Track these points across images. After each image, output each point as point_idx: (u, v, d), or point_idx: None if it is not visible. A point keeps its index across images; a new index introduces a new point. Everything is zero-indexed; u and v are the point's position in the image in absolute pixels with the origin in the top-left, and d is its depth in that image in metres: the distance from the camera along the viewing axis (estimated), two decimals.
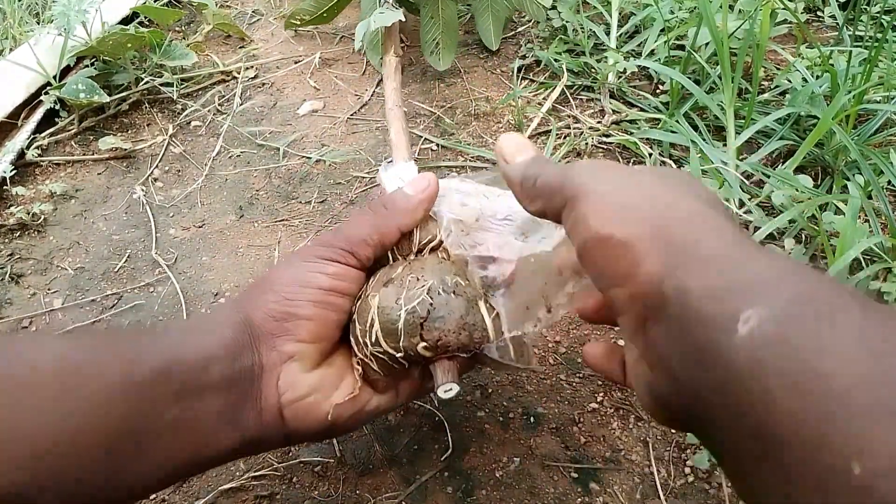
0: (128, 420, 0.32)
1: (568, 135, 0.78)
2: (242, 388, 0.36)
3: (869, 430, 0.18)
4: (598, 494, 0.46)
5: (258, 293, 0.39)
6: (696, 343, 0.23)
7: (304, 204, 0.73)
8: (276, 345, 0.37)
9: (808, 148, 0.65)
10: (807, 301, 0.21)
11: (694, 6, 0.89)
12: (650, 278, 0.26)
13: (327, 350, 0.40)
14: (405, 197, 0.41)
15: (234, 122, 0.85)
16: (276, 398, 0.37)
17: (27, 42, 0.86)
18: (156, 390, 0.33)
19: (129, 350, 0.34)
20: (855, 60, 0.76)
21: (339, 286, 0.39)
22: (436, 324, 0.36)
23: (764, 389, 0.20)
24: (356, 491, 0.46)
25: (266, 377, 0.37)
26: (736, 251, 0.25)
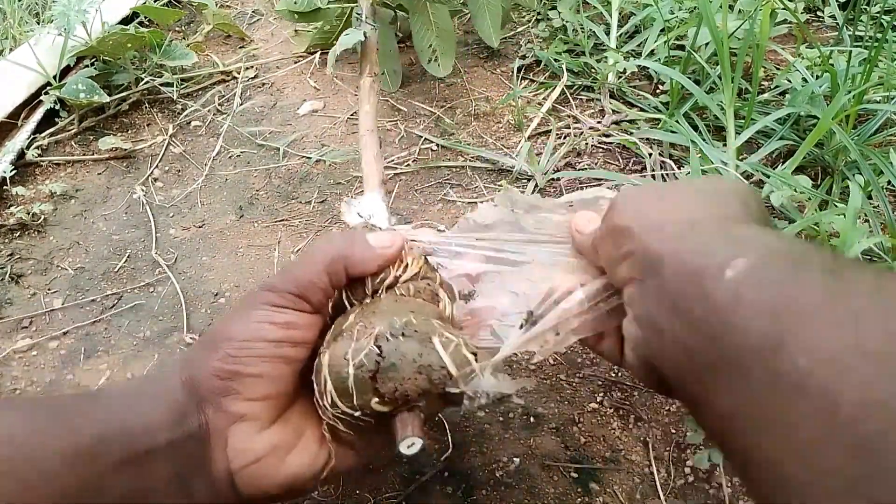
0: (74, 492, 0.30)
1: (568, 135, 0.78)
2: (190, 454, 0.34)
3: (818, 335, 0.22)
4: (598, 494, 0.46)
5: (204, 351, 0.36)
6: (683, 292, 0.28)
7: (304, 204, 0.73)
8: (223, 405, 0.34)
9: (808, 148, 0.65)
10: (785, 251, 0.26)
11: (694, 6, 0.89)
12: (646, 247, 0.31)
13: (282, 405, 0.36)
14: (364, 245, 0.38)
15: (234, 122, 0.85)
16: (226, 464, 0.34)
17: (27, 42, 0.87)
18: (99, 459, 0.31)
19: (70, 418, 0.32)
20: (855, 60, 0.76)
21: (292, 336, 0.36)
22: (388, 374, 0.33)
23: (740, 316, 0.24)
24: (356, 491, 0.46)
25: (214, 441, 0.34)
26: (727, 225, 0.30)
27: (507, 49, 0.96)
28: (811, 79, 0.76)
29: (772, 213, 0.65)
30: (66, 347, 0.58)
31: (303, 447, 0.36)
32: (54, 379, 0.55)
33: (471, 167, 0.75)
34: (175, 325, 0.59)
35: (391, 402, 0.33)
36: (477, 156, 0.76)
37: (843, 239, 0.53)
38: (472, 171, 0.75)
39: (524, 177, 0.73)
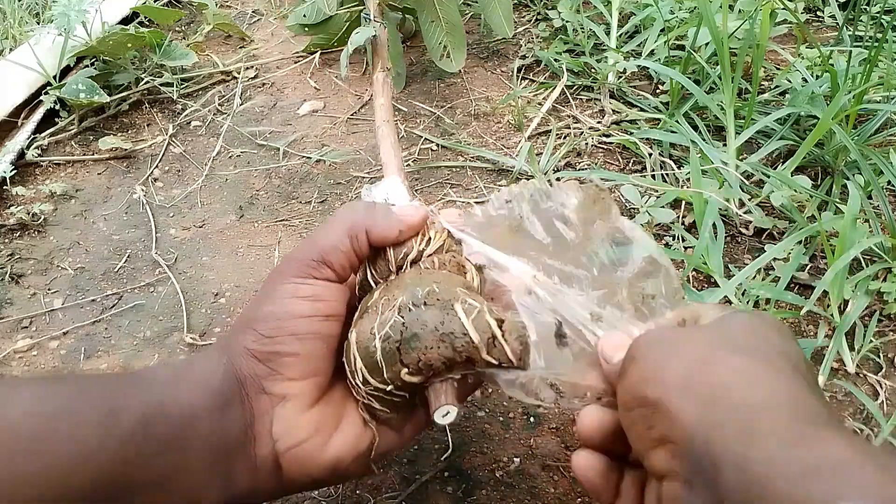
0: (108, 474, 0.30)
1: (568, 135, 0.78)
2: (232, 441, 0.34)
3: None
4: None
5: (239, 334, 0.36)
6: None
7: (304, 204, 0.73)
8: (265, 387, 0.34)
9: (808, 148, 0.65)
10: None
11: (694, 6, 0.89)
12: (693, 440, 0.25)
13: (322, 385, 0.36)
14: (386, 211, 0.38)
15: (234, 122, 0.85)
16: (271, 447, 0.34)
17: (27, 42, 0.87)
18: (137, 444, 0.31)
19: (108, 399, 0.31)
20: (855, 60, 0.76)
21: (319, 309, 0.36)
22: (412, 343, 0.33)
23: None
24: (356, 491, 0.46)
25: (258, 425, 0.34)
26: (802, 426, 0.24)
27: (507, 49, 0.96)
28: (811, 79, 0.76)
29: (772, 212, 0.65)
30: (66, 347, 0.58)
31: (346, 428, 0.36)
32: None
33: (471, 167, 0.75)
34: (175, 325, 0.59)
35: (420, 373, 0.33)
36: (477, 156, 0.76)
37: (842, 239, 0.53)
38: (472, 171, 0.75)
39: (524, 177, 0.73)
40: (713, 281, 0.58)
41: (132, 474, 0.30)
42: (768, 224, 0.63)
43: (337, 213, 0.38)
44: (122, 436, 0.30)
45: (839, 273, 0.53)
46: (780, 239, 0.62)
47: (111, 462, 0.30)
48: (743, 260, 0.62)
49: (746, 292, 0.55)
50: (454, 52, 0.82)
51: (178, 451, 0.32)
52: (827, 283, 0.52)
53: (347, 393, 0.37)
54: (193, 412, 0.33)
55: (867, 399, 0.49)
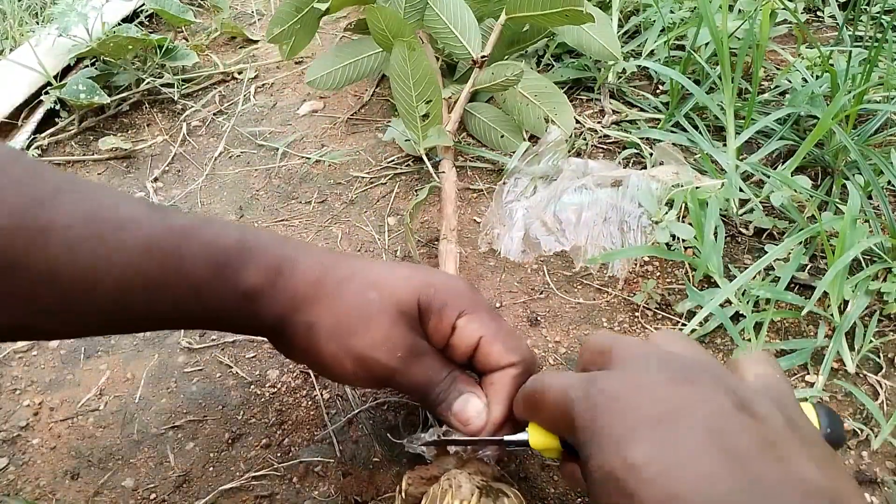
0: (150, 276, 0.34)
1: (568, 135, 0.78)
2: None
3: None
4: None
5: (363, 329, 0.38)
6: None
7: (305, 204, 0.73)
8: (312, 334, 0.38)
9: (808, 148, 0.65)
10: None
11: (694, 6, 0.89)
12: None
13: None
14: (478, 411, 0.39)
15: (234, 123, 0.85)
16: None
17: (27, 42, 0.87)
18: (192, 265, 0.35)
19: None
20: (855, 60, 0.76)
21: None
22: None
23: None
24: (356, 491, 0.46)
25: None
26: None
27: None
28: (811, 79, 0.76)
29: (772, 213, 0.65)
30: (66, 347, 0.58)
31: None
32: (54, 379, 0.55)
33: (471, 167, 0.75)
34: None
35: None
36: (477, 156, 0.76)
37: (842, 239, 0.53)
38: (472, 171, 0.75)
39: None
40: (713, 281, 0.58)
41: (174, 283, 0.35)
42: (768, 224, 0.63)
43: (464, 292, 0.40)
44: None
45: (839, 273, 0.53)
46: (780, 239, 0.62)
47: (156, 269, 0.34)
48: (743, 260, 0.62)
49: (747, 292, 0.55)
50: (511, 134, 0.77)
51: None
52: (827, 283, 0.52)
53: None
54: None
55: (867, 399, 0.48)
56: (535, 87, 0.76)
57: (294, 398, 0.53)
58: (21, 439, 0.51)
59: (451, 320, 0.38)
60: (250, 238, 0.38)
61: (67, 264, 0.31)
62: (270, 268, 0.37)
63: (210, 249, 0.35)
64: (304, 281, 0.38)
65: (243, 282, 0.36)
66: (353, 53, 0.78)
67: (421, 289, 0.38)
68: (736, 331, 0.52)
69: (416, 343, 0.38)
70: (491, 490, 0.38)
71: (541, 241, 0.64)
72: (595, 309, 0.59)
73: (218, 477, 0.48)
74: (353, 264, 0.40)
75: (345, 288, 0.38)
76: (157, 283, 0.34)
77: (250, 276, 0.36)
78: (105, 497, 0.47)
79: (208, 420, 0.51)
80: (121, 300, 0.34)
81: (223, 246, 0.36)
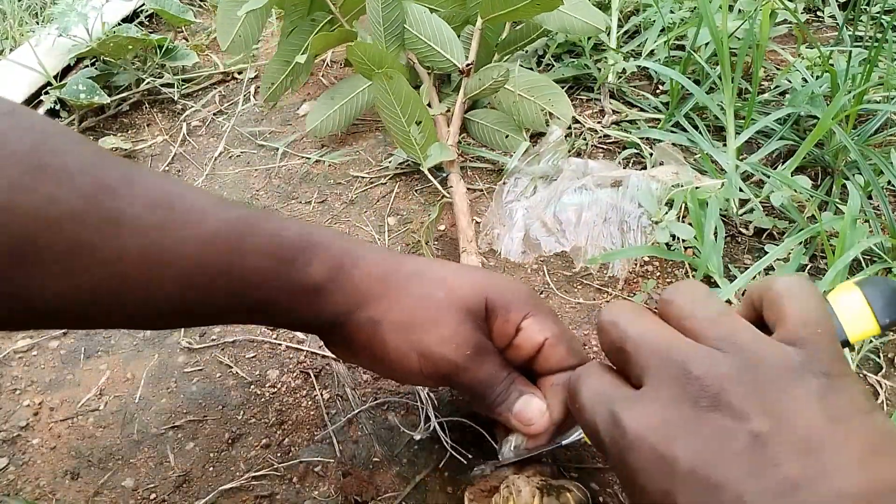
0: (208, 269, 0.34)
1: (568, 135, 0.78)
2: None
3: None
4: (598, 494, 0.46)
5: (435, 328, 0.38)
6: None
7: (305, 204, 0.73)
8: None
9: (808, 148, 0.65)
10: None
11: (694, 6, 0.89)
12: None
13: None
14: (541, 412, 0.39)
15: (234, 123, 0.85)
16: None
17: (27, 42, 0.87)
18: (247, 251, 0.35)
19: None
20: (855, 60, 0.76)
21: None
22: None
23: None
24: (356, 491, 0.46)
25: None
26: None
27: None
28: (811, 79, 0.76)
29: (772, 213, 0.65)
30: (66, 347, 0.58)
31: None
32: (54, 379, 0.55)
33: (471, 167, 0.75)
34: None
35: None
36: (477, 156, 0.76)
37: (842, 239, 0.53)
38: (472, 171, 0.75)
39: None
40: (713, 281, 0.58)
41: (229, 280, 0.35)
42: (768, 224, 0.63)
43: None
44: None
45: (839, 273, 0.53)
46: (780, 239, 0.62)
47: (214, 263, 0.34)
48: (743, 260, 0.62)
49: (746, 293, 0.55)
50: (514, 133, 0.76)
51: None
52: (827, 283, 0.52)
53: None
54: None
55: None
56: (528, 82, 0.76)
57: (294, 398, 0.53)
58: (21, 439, 0.51)
59: (517, 322, 0.39)
60: (314, 233, 0.38)
61: (134, 252, 0.31)
62: (334, 264, 0.37)
63: (273, 242, 0.35)
64: (369, 277, 0.38)
65: (306, 276, 0.36)
66: (347, 92, 0.79)
67: (488, 289, 0.39)
68: None
69: (482, 342, 0.38)
70: (552, 488, 0.38)
71: (541, 242, 0.64)
72: (595, 309, 0.59)
73: (218, 477, 0.48)
74: (418, 263, 0.40)
75: (413, 284, 0.38)
76: (218, 274, 0.34)
77: (314, 271, 0.36)
78: (105, 497, 0.47)
79: (208, 420, 0.51)
80: (182, 290, 0.34)
81: (286, 239, 0.36)
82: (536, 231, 0.65)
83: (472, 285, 0.39)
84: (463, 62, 0.72)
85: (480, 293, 0.38)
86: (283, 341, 0.57)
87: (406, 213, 0.70)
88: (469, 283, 0.39)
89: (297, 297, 0.37)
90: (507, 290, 0.39)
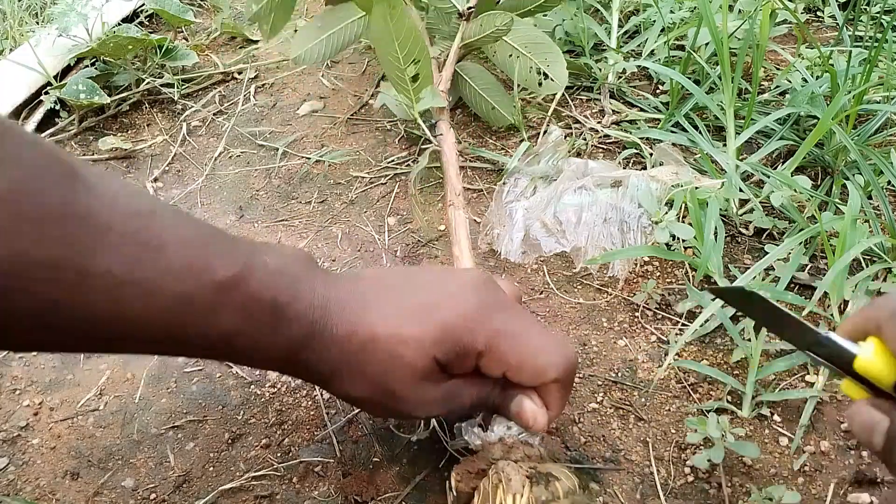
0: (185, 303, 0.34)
1: (568, 135, 0.78)
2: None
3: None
4: (598, 494, 0.46)
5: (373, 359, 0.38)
6: None
7: (305, 204, 0.73)
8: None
9: (808, 148, 0.65)
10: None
11: (694, 6, 0.89)
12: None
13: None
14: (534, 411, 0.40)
15: (234, 123, 0.85)
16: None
17: (27, 42, 0.87)
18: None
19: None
20: (855, 60, 0.76)
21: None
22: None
23: None
24: (354, 490, 0.46)
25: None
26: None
27: None
28: (811, 79, 0.76)
29: (772, 213, 0.65)
30: None
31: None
32: (54, 379, 0.55)
33: (471, 167, 0.75)
34: None
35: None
36: (477, 156, 0.76)
37: (842, 239, 0.53)
38: (472, 171, 0.75)
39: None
40: (713, 281, 0.58)
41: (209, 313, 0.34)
42: (768, 224, 0.63)
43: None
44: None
45: (839, 273, 0.53)
46: (780, 239, 0.62)
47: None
48: (743, 260, 0.62)
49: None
50: (502, 107, 0.75)
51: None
52: (827, 283, 0.52)
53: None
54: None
55: None
56: (525, 37, 0.73)
57: (294, 398, 0.53)
58: (21, 439, 0.51)
59: (472, 364, 0.39)
60: (287, 297, 0.36)
61: (106, 310, 0.31)
62: (304, 334, 0.37)
63: (246, 308, 0.35)
64: (328, 352, 0.38)
65: (277, 346, 0.37)
66: (335, 22, 0.75)
67: (434, 348, 0.37)
68: (736, 331, 0.52)
69: (448, 389, 0.39)
70: (541, 477, 0.38)
71: (541, 242, 0.64)
72: (595, 309, 0.59)
73: (218, 477, 0.48)
74: (373, 322, 0.38)
75: (367, 360, 0.38)
76: (190, 335, 0.34)
77: (281, 342, 0.37)
78: (105, 497, 0.47)
79: (208, 420, 0.51)
80: (155, 342, 0.35)
81: (261, 304, 0.36)
82: (536, 231, 0.64)
83: (419, 349, 0.37)
84: (464, 5, 0.69)
85: (427, 356, 0.37)
86: None
87: (406, 213, 0.70)
88: (415, 346, 0.37)
89: (269, 359, 0.38)
90: (456, 334, 0.38)
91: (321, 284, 0.38)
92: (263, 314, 0.35)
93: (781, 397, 0.50)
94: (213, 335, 0.34)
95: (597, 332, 0.57)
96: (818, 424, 0.49)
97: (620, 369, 0.54)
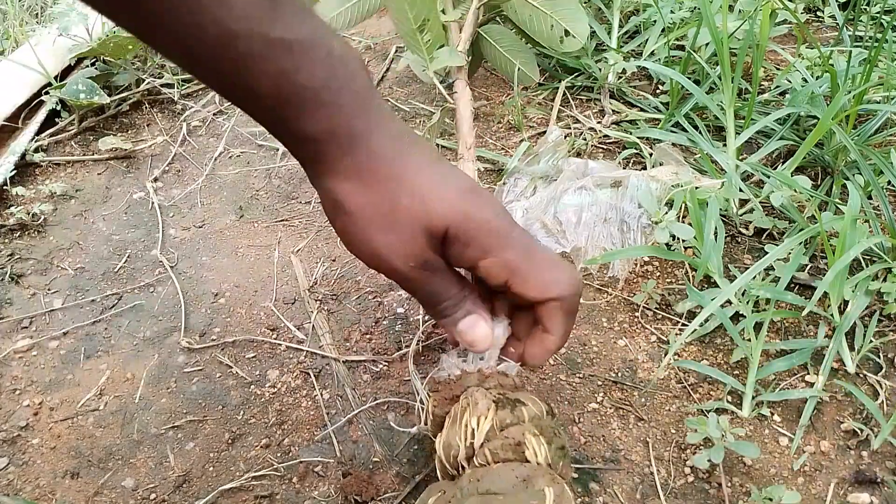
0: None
1: (568, 135, 0.78)
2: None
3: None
4: (598, 494, 0.46)
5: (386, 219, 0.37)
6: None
7: (304, 204, 0.73)
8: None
9: (808, 148, 0.65)
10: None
11: (694, 6, 0.89)
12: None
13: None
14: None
15: (234, 123, 0.85)
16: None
17: (28, 42, 0.87)
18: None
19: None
20: (855, 60, 0.76)
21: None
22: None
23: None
24: (354, 490, 0.46)
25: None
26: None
27: None
28: (811, 79, 0.76)
29: (772, 213, 0.65)
30: (66, 347, 0.58)
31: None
32: (54, 379, 0.55)
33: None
34: (174, 325, 0.59)
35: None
36: (477, 156, 0.76)
37: (842, 239, 0.53)
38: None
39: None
40: (713, 281, 0.58)
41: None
42: (768, 224, 0.63)
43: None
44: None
45: (839, 273, 0.53)
46: (780, 239, 0.62)
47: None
48: (743, 260, 0.62)
49: (747, 293, 0.55)
50: (528, 66, 0.76)
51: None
52: (827, 283, 0.52)
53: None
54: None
55: (867, 399, 0.48)
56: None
57: (294, 398, 0.53)
58: (21, 439, 0.51)
59: (473, 260, 0.38)
60: (331, 90, 0.35)
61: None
62: (329, 126, 0.36)
63: (281, 84, 0.34)
64: (359, 156, 0.37)
65: (299, 128, 0.36)
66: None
67: (454, 218, 0.37)
68: (736, 331, 0.52)
69: (431, 259, 0.38)
70: (507, 402, 0.39)
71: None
72: (595, 309, 0.59)
73: (218, 477, 0.48)
74: (407, 164, 0.38)
75: (389, 185, 0.37)
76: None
77: (307, 126, 0.36)
78: (105, 497, 0.47)
79: (208, 420, 0.51)
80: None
81: (297, 86, 0.34)
82: (536, 232, 0.64)
83: (441, 208, 0.37)
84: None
85: (444, 220, 0.37)
86: (283, 341, 0.57)
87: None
88: (439, 204, 0.37)
89: (288, 109, 0.36)
90: (473, 225, 0.37)
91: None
92: (299, 97, 0.34)
93: (781, 397, 0.50)
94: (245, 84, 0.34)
95: (597, 332, 0.57)
96: (818, 424, 0.49)
97: (620, 369, 0.54)
